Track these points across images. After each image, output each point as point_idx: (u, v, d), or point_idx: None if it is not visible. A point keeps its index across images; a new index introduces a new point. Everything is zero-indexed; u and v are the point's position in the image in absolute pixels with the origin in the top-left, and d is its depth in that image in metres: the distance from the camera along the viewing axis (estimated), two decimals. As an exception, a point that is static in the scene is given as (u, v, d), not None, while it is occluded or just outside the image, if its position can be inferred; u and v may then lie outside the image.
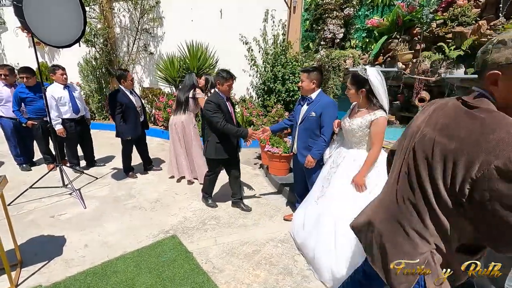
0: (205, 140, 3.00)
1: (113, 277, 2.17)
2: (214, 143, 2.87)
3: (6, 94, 3.95)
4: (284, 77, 5.28)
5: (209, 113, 2.75)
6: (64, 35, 2.99)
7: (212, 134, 2.87)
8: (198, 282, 2.12)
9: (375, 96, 1.98)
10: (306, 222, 2.33)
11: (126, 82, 3.68)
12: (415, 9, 4.57)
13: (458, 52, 4.00)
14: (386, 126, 2.00)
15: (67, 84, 3.92)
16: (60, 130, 3.79)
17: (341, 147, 2.29)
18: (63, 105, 3.82)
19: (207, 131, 2.94)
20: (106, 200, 3.41)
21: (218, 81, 2.80)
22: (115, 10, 6.50)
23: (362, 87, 2.00)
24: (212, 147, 2.89)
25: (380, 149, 2.03)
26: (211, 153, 2.92)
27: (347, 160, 2.14)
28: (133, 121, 3.76)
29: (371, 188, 2.00)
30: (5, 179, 2.08)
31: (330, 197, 2.11)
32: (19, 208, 3.16)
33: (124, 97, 3.66)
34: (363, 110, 2.07)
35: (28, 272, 2.22)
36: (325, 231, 2.08)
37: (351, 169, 2.08)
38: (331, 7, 5.20)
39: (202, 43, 5.90)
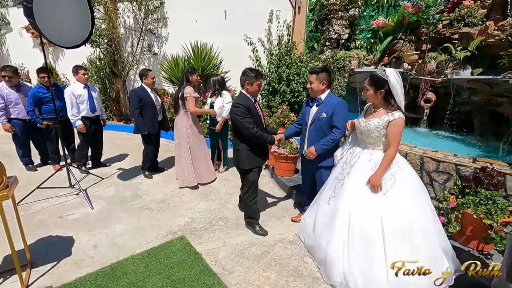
0: (235, 147, 2.68)
1: (123, 278, 2.16)
2: (245, 151, 2.60)
3: (14, 96, 3.96)
4: (289, 78, 5.28)
5: (238, 118, 2.47)
6: (72, 35, 2.99)
7: (243, 141, 2.60)
8: (209, 284, 2.11)
9: (393, 96, 1.98)
10: (317, 223, 2.32)
11: (147, 79, 3.84)
12: (421, 10, 4.56)
13: (465, 53, 3.99)
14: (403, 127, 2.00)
15: (87, 84, 4.03)
16: (80, 126, 3.92)
17: (354, 148, 2.28)
18: (81, 103, 3.93)
19: (235, 140, 2.67)
20: (113, 200, 3.41)
21: (247, 81, 2.53)
22: (119, 11, 6.51)
23: (381, 87, 2.00)
24: (245, 155, 2.60)
25: (396, 150, 2.03)
26: (243, 162, 2.62)
27: (362, 160, 2.13)
28: (151, 118, 3.84)
29: (386, 189, 1.99)
30: (16, 179, 2.08)
31: (344, 197, 2.10)
32: (27, 208, 3.16)
33: (144, 93, 3.80)
34: (381, 111, 2.06)
35: (38, 273, 2.21)
36: (338, 231, 2.06)
37: (366, 170, 2.07)
38: (336, 7, 5.20)
39: (207, 44, 5.90)
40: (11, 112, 3.98)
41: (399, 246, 1.88)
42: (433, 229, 1.99)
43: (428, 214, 2.01)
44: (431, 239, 1.98)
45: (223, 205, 3.34)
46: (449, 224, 2.36)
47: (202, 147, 3.86)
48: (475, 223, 2.22)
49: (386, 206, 1.95)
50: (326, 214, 2.25)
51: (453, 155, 2.81)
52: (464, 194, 2.40)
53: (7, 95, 3.91)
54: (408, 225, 1.91)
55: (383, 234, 1.90)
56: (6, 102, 3.91)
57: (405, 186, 2.03)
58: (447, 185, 2.74)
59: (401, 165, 2.07)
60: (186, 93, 3.60)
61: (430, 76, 4.43)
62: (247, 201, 2.76)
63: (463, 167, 2.62)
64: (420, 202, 2.02)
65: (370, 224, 1.93)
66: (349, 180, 2.12)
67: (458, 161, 2.66)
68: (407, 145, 3.15)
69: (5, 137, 5.81)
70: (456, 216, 2.32)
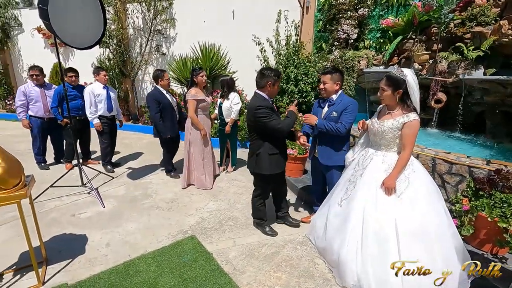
0: (252, 154, 2.58)
1: (136, 276, 2.20)
2: (267, 155, 2.48)
3: (36, 94, 4.09)
4: (296, 78, 5.27)
5: (265, 119, 2.35)
6: (85, 37, 3.04)
7: (263, 145, 2.48)
8: (220, 283, 2.13)
9: (409, 97, 1.97)
10: (328, 225, 2.31)
11: (163, 81, 3.80)
12: (432, 9, 4.50)
13: (477, 53, 3.92)
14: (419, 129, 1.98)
15: (107, 84, 4.15)
16: (98, 124, 4.00)
17: (366, 149, 2.26)
18: (99, 102, 4.04)
19: (254, 144, 2.55)
20: (124, 199, 3.45)
21: (270, 82, 2.41)
22: (128, 12, 6.58)
23: (399, 88, 1.98)
24: (266, 160, 2.48)
25: (411, 152, 2.01)
26: (265, 167, 2.50)
27: (375, 162, 2.12)
28: (170, 120, 3.84)
29: (400, 192, 1.97)
30: (33, 178, 2.13)
31: (357, 199, 2.09)
32: (41, 206, 3.23)
33: (161, 95, 3.76)
34: (396, 112, 2.05)
35: (53, 270, 2.26)
36: (351, 233, 2.05)
37: (380, 171, 2.06)
38: (345, 7, 5.17)
39: (215, 44, 5.92)
40: (30, 109, 4.11)
41: (413, 248, 1.86)
42: (447, 231, 1.97)
43: (442, 216, 1.99)
44: (445, 241, 1.96)
45: (232, 205, 3.36)
46: (462, 226, 2.33)
47: (200, 154, 3.71)
48: (490, 226, 2.19)
49: (400, 208, 1.93)
50: (338, 216, 2.24)
51: (466, 157, 2.77)
52: (478, 196, 2.37)
53: (30, 92, 4.06)
54: (422, 227, 1.89)
55: (397, 236, 1.89)
56: (27, 99, 4.05)
57: (420, 188, 2.01)
58: (459, 187, 2.71)
59: (415, 167, 2.05)
60: (188, 95, 3.53)
61: (441, 76, 4.37)
62: (256, 204, 2.75)
63: (477, 169, 2.58)
64: (434, 204, 2.00)
65: (385, 226, 1.92)
66: (362, 182, 2.11)
67: (471, 163, 2.62)
68: (419, 146, 3.11)
69: (19, 136, 5.95)
70: (469, 219, 2.29)
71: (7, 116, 7.78)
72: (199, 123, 3.58)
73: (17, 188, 1.89)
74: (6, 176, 1.82)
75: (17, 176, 1.91)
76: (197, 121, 3.57)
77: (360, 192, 2.09)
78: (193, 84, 3.58)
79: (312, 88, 5.28)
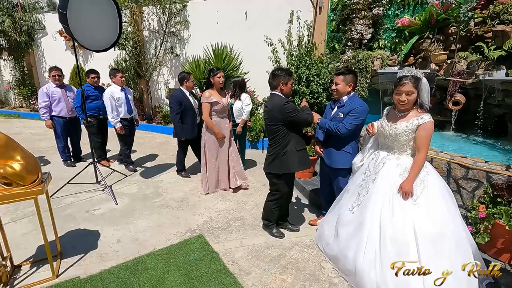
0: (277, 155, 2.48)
1: (144, 273, 2.25)
2: (294, 152, 2.44)
3: (58, 95, 4.28)
4: (308, 79, 5.22)
5: (295, 113, 2.35)
6: (102, 39, 3.16)
7: (290, 141, 2.44)
8: (225, 283, 2.15)
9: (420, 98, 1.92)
10: (340, 232, 2.24)
11: (188, 82, 3.86)
12: (451, 7, 4.34)
13: (499, 53, 3.74)
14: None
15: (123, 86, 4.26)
16: (120, 128, 4.10)
17: (377, 153, 2.20)
18: (120, 106, 4.15)
19: (278, 143, 2.46)
20: (136, 197, 3.55)
21: (282, 82, 2.43)
22: (144, 14, 6.76)
23: (416, 89, 1.94)
24: (293, 157, 2.44)
25: (426, 155, 1.94)
26: (292, 165, 2.47)
27: (389, 166, 2.05)
28: (190, 122, 3.87)
29: (417, 195, 1.91)
30: (49, 175, 2.23)
31: (372, 205, 2.02)
32: (58, 202, 3.38)
33: (183, 97, 3.81)
34: (410, 114, 1.99)
35: (67, 264, 2.36)
36: (367, 241, 1.99)
37: (395, 175, 2.00)
38: (359, 7, 5.07)
39: (227, 45, 5.97)
40: (54, 109, 4.29)
41: (433, 253, 1.79)
42: (464, 234, 1.90)
43: (458, 219, 1.92)
44: (463, 244, 1.89)
45: (240, 205, 3.38)
46: (477, 234, 2.23)
47: (214, 158, 3.61)
48: (508, 235, 2.09)
49: (418, 213, 1.87)
50: (351, 224, 2.16)
51: (484, 162, 2.64)
52: (496, 203, 2.26)
53: (52, 93, 4.23)
54: (441, 231, 1.82)
55: (417, 241, 1.82)
56: (50, 100, 4.22)
57: (435, 191, 1.94)
58: (476, 193, 2.59)
59: (429, 170, 1.99)
60: (202, 98, 3.46)
61: (459, 77, 4.20)
62: (272, 207, 2.70)
63: (495, 175, 2.46)
64: (450, 207, 1.93)
65: (403, 233, 1.86)
66: (376, 187, 2.04)
67: (489, 168, 2.50)
68: (433, 150, 3.00)
69: (40, 135, 6.25)
70: (485, 226, 2.19)
71: (31, 115, 8.19)
72: (213, 127, 3.49)
73: (34, 185, 1.98)
74: (24, 173, 1.91)
75: (35, 173, 2.00)
76: (211, 125, 3.49)
77: (374, 197, 2.03)
78: (209, 85, 3.50)
79: (324, 89, 5.21)
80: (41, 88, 4.28)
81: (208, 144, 3.59)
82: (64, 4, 2.63)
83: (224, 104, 3.54)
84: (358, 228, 2.08)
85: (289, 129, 2.44)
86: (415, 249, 1.84)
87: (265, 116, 2.55)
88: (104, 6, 3.06)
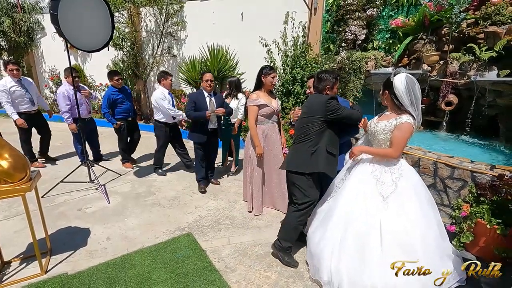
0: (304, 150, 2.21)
1: (131, 270, 2.28)
2: (325, 152, 2.18)
3: (79, 97, 4.12)
4: (303, 79, 5.24)
5: (339, 110, 2.13)
6: (94, 40, 3.20)
7: (322, 139, 2.18)
8: (210, 279, 2.18)
9: (398, 100, 1.94)
10: (314, 219, 2.34)
11: (202, 83, 3.54)
12: (444, 8, 4.36)
13: (490, 53, 3.76)
14: (412, 133, 1.92)
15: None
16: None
17: None
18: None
19: (310, 138, 2.21)
20: (128, 196, 3.59)
21: (328, 86, 2.26)
22: (141, 15, 6.81)
23: (387, 89, 2.01)
24: (323, 156, 2.17)
25: (397, 154, 1.95)
26: (320, 164, 2.17)
27: (363, 162, 2.12)
28: (199, 126, 3.54)
29: (387, 195, 1.94)
30: (39, 173, 2.27)
31: (342, 198, 2.09)
32: (51, 200, 3.42)
33: (200, 97, 3.50)
34: (391, 114, 2.03)
35: (56, 260, 2.40)
36: (331, 230, 2.06)
37: (366, 174, 2.04)
38: (353, 8, 5.10)
39: (223, 46, 6.01)
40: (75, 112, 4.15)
41: (400, 253, 1.82)
42: (433, 241, 1.91)
43: (433, 222, 1.93)
44: (430, 251, 1.89)
45: (231, 204, 3.41)
46: (461, 233, 2.25)
47: (259, 170, 3.05)
48: (489, 234, 2.11)
49: (386, 212, 1.90)
50: (322, 212, 2.27)
51: (470, 161, 2.67)
52: (479, 202, 2.28)
53: (73, 96, 4.05)
54: (407, 235, 1.84)
55: (381, 239, 1.85)
56: (72, 103, 4.07)
57: (407, 194, 1.95)
58: (461, 193, 2.61)
59: (405, 172, 1.99)
60: (248, 101, 3.01)
61: (452, 77, 4.22)
62: (297, 220, 2.27)
63: (480, 175, 2.48)
64: (425, 211, 1.94)
65: (368, 228, 1.90)
66: (349, 181, 2.12)
67: (474, 167, 2.52)
68: (421, 150, 3.03)
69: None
70: (468, 225, 2.21)
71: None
72: (255, 137, 2.93)
73: (22, 182, 2.02)
74: (12, 171, 1.95)
75: (23, 171, 2.04)
76: (254, 133, 2.95)
77: (345, 190, 2.10)
78: (260, 85, 3.00)
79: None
80: (60, 92, 4.09)
81: (254, 157, 3.02)
82: (55, 5, 2.68)
83: (274, 108, 3.02)
84: (327, 216, 2.17)
85: (327, 125, 2.18)
86: (378, 245, 1.86)
87: (303, 109, 2.31)
88: (95, 6, 3.11)
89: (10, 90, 4.00)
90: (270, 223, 2.99)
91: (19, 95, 4.10)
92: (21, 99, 4.13)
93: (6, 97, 3.97)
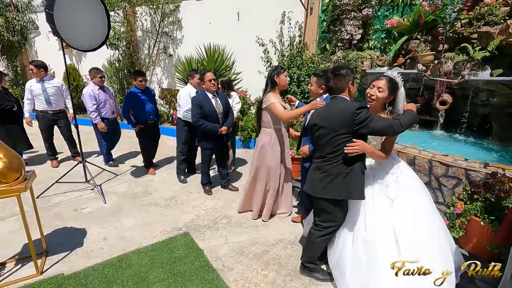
0: (336, 173, 1.91)
1: (128, 269, 2.28)
2: (360, 175, 1.90)
3: (103, 97, 4.18)
4: (299, 79, 5.27)
5: (372, 122, 1.79)
6: (90, 39, 3.18)
7: (356, 157, 1.86)
8: (207, 279, 2.18)
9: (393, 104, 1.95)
10: None
11: (204, 83, 3.34)
12: (438, 8, 4.41)
13: (483, 53, 3.81)
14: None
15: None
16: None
17: None
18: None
19: (340, 159, 1.89)
20: (125, 196, 3.57)
21: (350, 81, 1.95)
22: (137, 14, 6.78)
23: (394, 94, 1.96)
24: (358, 180, 1.90)
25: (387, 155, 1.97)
26: (354, 189, 1.90)
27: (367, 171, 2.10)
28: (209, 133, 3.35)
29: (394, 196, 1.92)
30: (34, 173, 2.25)
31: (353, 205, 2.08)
32: (46, 201, 3.39)
33: (204, 100, 3.28)
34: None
35: (52, 261, 2.38)
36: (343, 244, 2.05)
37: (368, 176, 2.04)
38: (349, 8, 5.13)
39: (219, 45, 6.01)
40: (101, 111, 4.18)
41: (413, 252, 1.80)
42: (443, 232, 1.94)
43: (434, 215, 1.96)
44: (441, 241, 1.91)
45: (228, 203, 3.41)
46: (452, 229, 2.29)
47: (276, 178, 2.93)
48: (483, 231, 2.14)
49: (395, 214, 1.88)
50: None
51: (464, 160, 2.70)
52: (473, 200, 2.31)
53: (98, 95, 4.12)
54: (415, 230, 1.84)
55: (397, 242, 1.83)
56: (97, 102, 4.09)
57: (410, 190, 1.98)
58: (456, 191, 2.64)
59: (403, 170, 2.02)
60: (266, 101, 2.72)
61: (446, 77, 4.26)
62: (322, 244, 2.12)
63: (474, 172, 2.51)
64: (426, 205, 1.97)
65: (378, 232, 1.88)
66: None
67: (468, 165, 2.56)
68: (416, 148, 3.06)
69: (34, 134, 6.20)
70: (461, 222, 2.24)
71: (24, 115, 8.16)
72: (300, 111, 2.57)
73: (17, 182, 2.01)
74: (6, 171, 1.94)
75: (18, 171, 2.03)
76: (297, 112, 2.61)
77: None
78: (273, 86, 2.76)
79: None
80: (86, 92, 4.06)
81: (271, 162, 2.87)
82: (51, 4, 2.66)
83: (288, 110, 2.83)
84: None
85: (357, 137, 1.84)
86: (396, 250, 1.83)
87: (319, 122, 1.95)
88: (91, 5, 3.09)
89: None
90: (267, 222, 3.00)
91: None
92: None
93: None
